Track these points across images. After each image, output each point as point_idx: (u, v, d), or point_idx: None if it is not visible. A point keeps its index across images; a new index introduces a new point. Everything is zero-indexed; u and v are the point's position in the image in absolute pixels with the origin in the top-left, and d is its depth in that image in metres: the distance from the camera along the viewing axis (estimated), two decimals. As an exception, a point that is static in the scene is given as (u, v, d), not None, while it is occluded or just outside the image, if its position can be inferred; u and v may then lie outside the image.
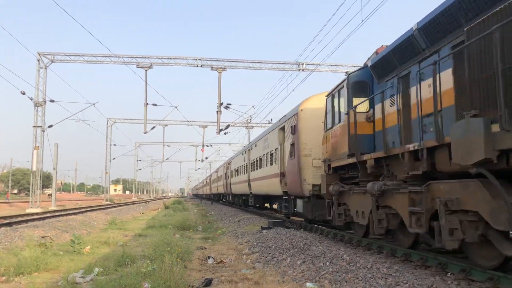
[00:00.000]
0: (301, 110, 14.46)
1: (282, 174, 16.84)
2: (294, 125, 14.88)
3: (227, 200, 44.67)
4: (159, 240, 11.53)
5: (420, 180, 7.29)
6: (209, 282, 7.37)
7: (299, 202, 14.79)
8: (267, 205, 29.23)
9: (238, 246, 12.49)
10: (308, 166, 13.77)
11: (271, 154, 19.06)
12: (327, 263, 8.25)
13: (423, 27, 7.20)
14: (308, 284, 7.05)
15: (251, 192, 25.53)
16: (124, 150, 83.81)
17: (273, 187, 18.37)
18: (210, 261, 9.71)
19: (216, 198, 58.86)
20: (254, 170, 23.99)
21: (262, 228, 15.03)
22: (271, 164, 18.90)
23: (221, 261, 9.71)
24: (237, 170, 32.00)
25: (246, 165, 26.86)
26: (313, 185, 13.30)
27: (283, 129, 17.12)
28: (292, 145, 15.06)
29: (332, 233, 12.07)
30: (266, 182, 20.04)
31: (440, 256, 7.11)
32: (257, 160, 23.01)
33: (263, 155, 21.11)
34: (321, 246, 9.97)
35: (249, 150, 26.10)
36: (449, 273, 6.42)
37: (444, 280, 6.08)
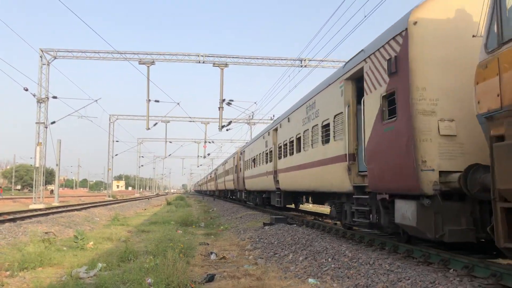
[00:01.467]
0: (415, 23, 7.42)
1: (351, 157, 9.94)
2: (394, 57, 7.88)
3: (238, 198, 35.99)
4: (162, 236, 11.58)
5: None
6: (211, 277, 7.40)
7: (405, 206, 7.62)
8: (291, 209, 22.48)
9: (241, 242, 12.52)
10: (431, 133, 7.09)
11: (325, 126, 11.88)
12: (329, 259, 8.27)
13: None
14: (310, 280, 7.07)
15: (278, 188, 18.28)
16: (126, 146, 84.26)
17: (331, 179, 11.23)
18: (213, 256, 9.75)
19: (223, 195, 53.38)
20: (285, 156, 16.79)
21: (265, 224, 15.06)
22: (325, 142, 11.81)
23: (224, 257, 9.75)
24: (254, 160, 24.78)
25: (270, 151, 19.90)
26: (441, 173, 6.97)
27: (356, 77, 10.11)
28: (388, 96, 8.19)
29: (334, 230, 12.08)
30: (313, 171, 12.80)
31: (442, 252, 7.11)
32: (290, 142, 15.81)
33: (305, 131, 13.78)
34: (323, 242, 9.99)
35: (275, 130, 18.90)
36: (452, 270, 6.42)
37: (446, 276, 6.09)
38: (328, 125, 11.51)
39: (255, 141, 25.04)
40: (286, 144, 16.62)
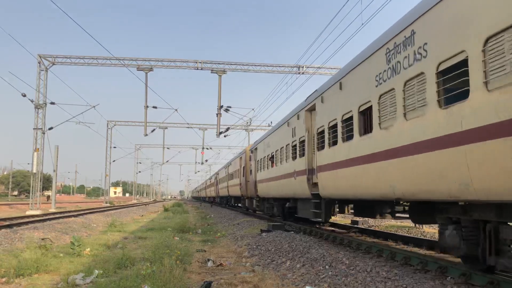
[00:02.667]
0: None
1: None
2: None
3: (245, 206, 30.12)
4: (159, 242, 11.53)
5: None
6: (208, 285, 7.37)
7: None
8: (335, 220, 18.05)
9: (238, 249, 12.49)
10: None
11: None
12: (327, 267, 8.25)
13: None
14: (307, 287, 7.06)
15: (315, 195, 12.44)
16: (124, 152, 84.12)
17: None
18: (210, 264, 9.71)
19: (225, 202, 47.71)
20: (333, 144, 10.68)
21: (262, 231, 15.03)
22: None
23: (221, 264, 9.71)
24: (271, 157, 18.61)
25: (302, 142, 13.72)
26: None
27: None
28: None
29: (332, 237, 12.06)
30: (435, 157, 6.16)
31: (440, 260, 7.11)
32: (345, 121, 9.94)
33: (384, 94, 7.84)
34: (321, 249, 9.97)
35: (311, 109, 13.02)
36: (449, 277, 6.43)
37: (444, 284, 6.09)
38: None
39: (274, 132, 18.33)
40: (334, 126, 10.54)
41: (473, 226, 6.11)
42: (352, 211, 12.63)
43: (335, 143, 10.45)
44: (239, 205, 35.52)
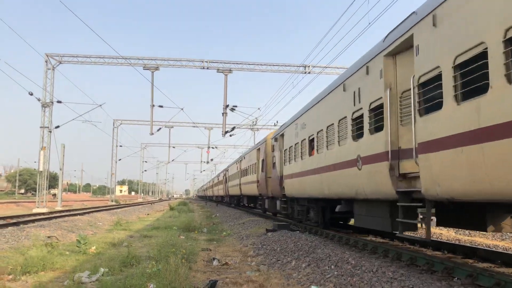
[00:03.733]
0: None
1: None
2: None
3: (265, 208, 24.15)
4: (164, 241, 11.56)
5: None
6: (214, 283, 7.37)
7: None
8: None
9: (243, 248, 12.48)
10: None
11: None
12: (332, 266, 8.22)
13: None
14: (313, 287, 7.04)
15: (406, 192, 7.49)
16: (130, 151, 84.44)
17: None
18: (215, 262, 9.71)
19: (235, 202, 42.20)
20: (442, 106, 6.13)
21: (267, 230, 15.02)
22: None
23: (226, 263, 9.71)
24: (311, 140, 13.38)
25: (373, 110, 8.71)
26: None
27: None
28: None
29: (337, 237, 12.02)
30: None
31: (446, 260, 7.06)
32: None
33: None
34: (326, 249, 9.95)
35: (393, 54, 8.04)
36: (456, 278, 6.38)
37: (450, 285, 6.04)
38: None
39: (316, 106, 12.89)
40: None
41: None
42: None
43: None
44: (256, 206, 29.41)
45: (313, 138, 13.06)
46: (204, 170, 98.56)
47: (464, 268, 6.43)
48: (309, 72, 30.18)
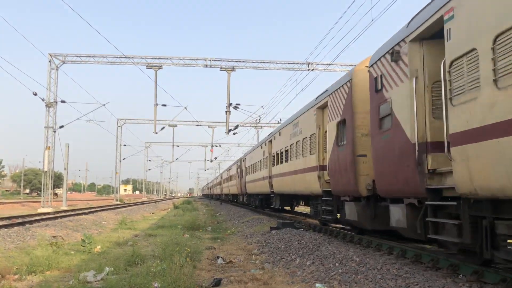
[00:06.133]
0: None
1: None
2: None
3: (339, 219, 12.42)
4: (169, 240, 11.59)
5: None
6: (218, 282, 7.38)
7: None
8: None
9: (247, 246, 12.49)
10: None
11: None
12: (337, 264, 8.21)
13: None
14: (317, 285, 7.03)
15: None
16: (134, 150, 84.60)
17: None
18: (219, 261, 9.73)
19: (252, 203, 30.72)
20: None
21: (271, 228, 15.02)
22: None
23: (230, 261, 9.73)
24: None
25: None
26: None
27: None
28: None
29: (342, 234, 12.00)
30: None
31: (451, 257, 7.03)
32: None
33: None
34: (331, 247, 9.93)
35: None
36: (461, 275, 6.35)
37: (455, 282, 6.01)
38: None
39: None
40: None
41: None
42: None
43: None
44: (305, 212, 20.98)
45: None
46: (208, 169, 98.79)
47: (469, 265, 6.40)
48: (312, 70, 30.11)
